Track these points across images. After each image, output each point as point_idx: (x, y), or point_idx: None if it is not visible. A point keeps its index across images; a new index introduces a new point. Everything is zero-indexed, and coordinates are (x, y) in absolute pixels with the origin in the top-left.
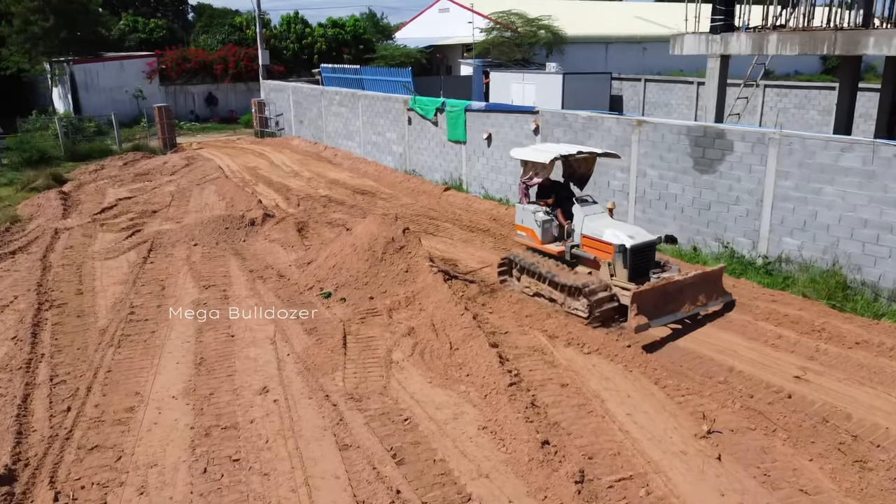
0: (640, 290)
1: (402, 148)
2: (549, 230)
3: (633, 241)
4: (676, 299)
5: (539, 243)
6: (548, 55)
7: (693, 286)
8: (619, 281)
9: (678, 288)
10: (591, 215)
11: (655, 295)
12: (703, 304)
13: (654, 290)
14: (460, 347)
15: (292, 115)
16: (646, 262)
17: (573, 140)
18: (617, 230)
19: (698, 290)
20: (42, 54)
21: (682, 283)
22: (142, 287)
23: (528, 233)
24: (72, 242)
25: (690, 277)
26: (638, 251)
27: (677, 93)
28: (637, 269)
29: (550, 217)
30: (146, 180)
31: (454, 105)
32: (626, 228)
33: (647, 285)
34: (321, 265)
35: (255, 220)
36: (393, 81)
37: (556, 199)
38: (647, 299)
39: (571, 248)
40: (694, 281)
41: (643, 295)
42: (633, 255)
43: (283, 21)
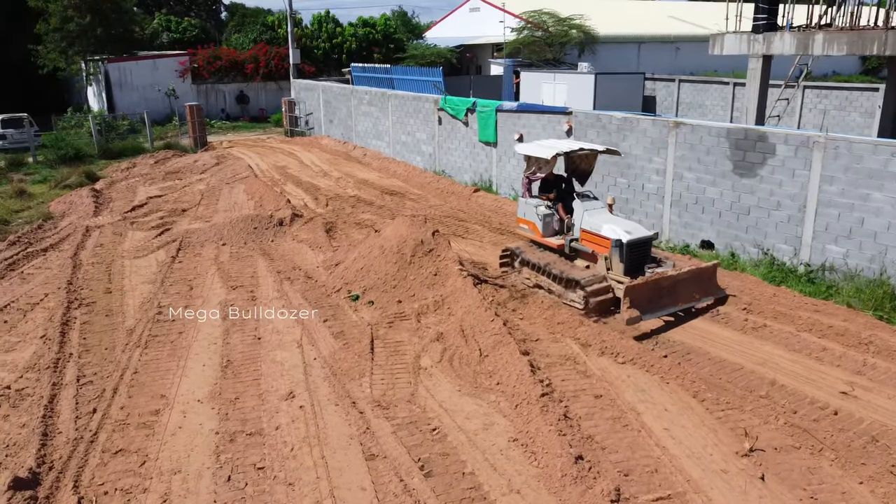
0: (632, 284)
1: (431, 148)
2: (550, 224)
3: (629, 236)
4: (670, 294)
5: (540, 236)
6: (579, 55)
7: (686, 281)
8: (615, 274)
9: (672, 283)
10: (591, 210)
11: (648, 289)
12: (697, 300)
13: (646, 285)
14: (490, 354)
15: (322, 114)
16: (642, 257)
17: (607, 141)
18: (615, 225)
19: (692, 286)
20: (77, 53)
21: (675, 279)
22: (170, 287)
23: (530, 226)
24: (102, 240)
25: (684, 273)
26: (634, 246)
27: (712, 94)
28: (633, 263)
29: (552, 211)
30: (176, 179)
31: (485, 105)
32: (623, 224)
33: (640, 279)
34: (349, 267)
35: (284, 220)
36: (423, 81)
37: (558, 194)
38: (639, 293)
39: (571, 241)
40: (687, 276)
41: (636, 289)
42: (630, 249)
43: (315, 20)
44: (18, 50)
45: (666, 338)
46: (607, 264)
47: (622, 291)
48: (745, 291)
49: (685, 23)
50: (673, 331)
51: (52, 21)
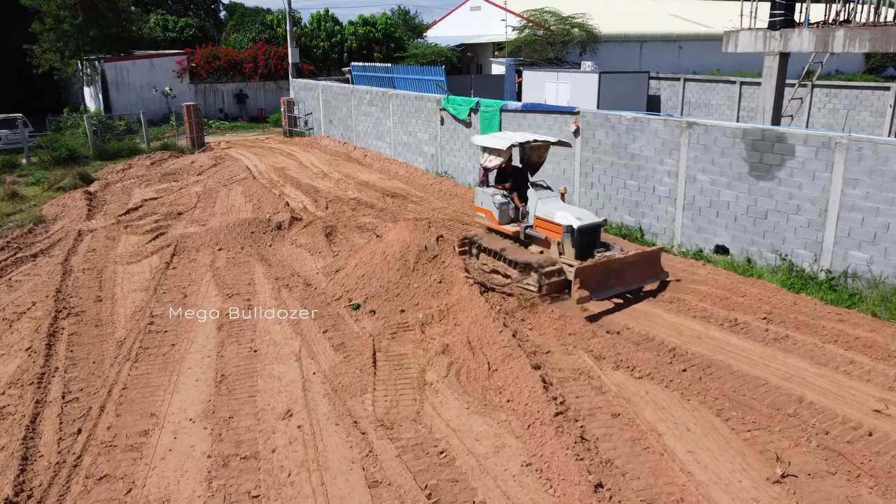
0: (583, 266)
1: (433, 149)
2: (506, 212)
3: (580, 222)
4: (618, 275)
5: (496, 224)
6: (581, 54)
7: (633, 264)
8: (566, 258)
9: (619, 265)
10: (545, 199)
11: (598, 271)
12: (643, 281)
13: (596, 266)
14: (499, 368)
15: (322, 114)
16: (592, 241)
17: (616, 142)
18: (566, 212)
19: (638, 268)
20: (73, 53)
21: (622, 261)
22: (163, 295)
23: (487, 214)
24: (94, 245)
25: (631, 256)
26: (584, 232)
27: (719, 93)
28: (583, 248)
29: (507, 200)
30: (173, 180)
31: (489, 105)
32: (575, 211)
33: (590, 262)
34: (350, 274)
35: (282, 224)
36: (425, 80)
37: (513, 184)
38: (589, 274)
39: (525, 228)
40: (634, 260)
41: (586, 270)
42: (580, 234)
43: (314, 19)
44: (15, 50)
45: (683, 350)
46: (559, 249)
47: (573, 273)
48: (763, 300)
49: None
50: (690, 342)
51: (47, 21)
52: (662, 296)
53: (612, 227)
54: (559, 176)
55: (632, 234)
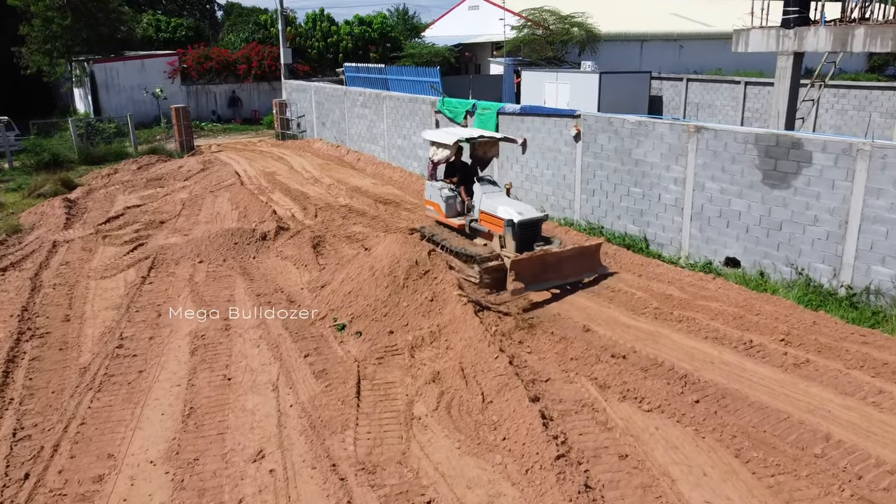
0: (518, 259)
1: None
2: (453, 205)
3: (521, 216)
4: (555, 269)
5: (444, 217)
6: (580, 53)
7: (571, 258)
8: (508, 251)
9: (556, 259)
10: (489, 193)
11: (533, 263)
12: (580, 275)
13: (531, 259)
14: (494, 400)
15: (314, 116)
16: (532, 235)
17: (620, 147)
18: (509, 207)
19: (576, 262)
20: (62, 54)
21: (560, 255)
22: (136, 314)
23: (435, 207)
24: (69, 257)
25: (568, 250)
26: (525, 226)
27: (723, 93)
28: (524, 241)
29: (454, 194)
30: (158, 186)
31: (486, 107)
32: (517, 206)
33: (525, 254)
34: (336, 290)
35: (268, 234)
36: (419, 81)
37: (461, 179)
38: (524, 267)
39: (471, 222)
40: (571, 254)
41: (521, 263)
42: (521, 228)
43: (309, 19)
44: (3, 51)
45: (695, 377)
46: (501, 242)
47: (509, 265)
48: (779, 318)
49: (689, 20)
50: (703, 368)
51: (35, 22)
52: (671, 313)
53: (616, 237)
54: (559, 182)
55: (636, 245)
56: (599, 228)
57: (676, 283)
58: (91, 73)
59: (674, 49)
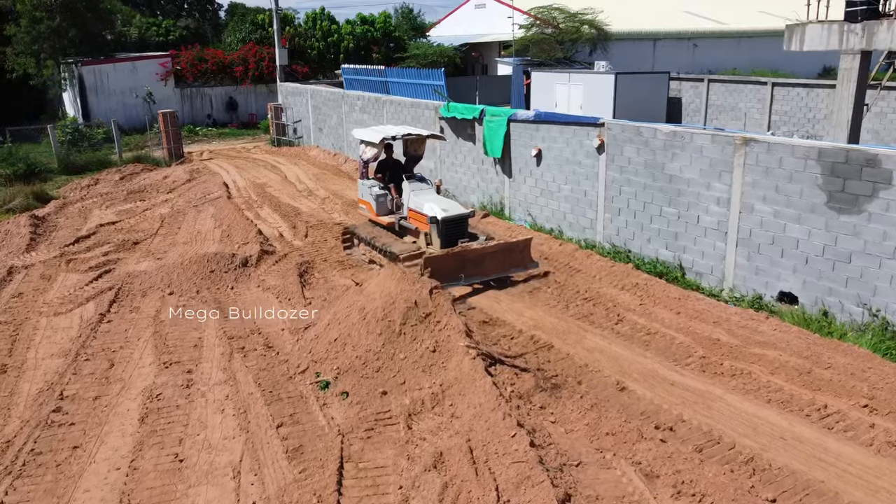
0: (431, 255)
1: (431, 163)
2: (384, 203)
3: (445, 213)
4: (476, 264)
5: (375, 215)
6: (590, 52)
7: (494, 255)
8: (434, 248)
9: (478, 255)
10: (418, 191)
11: (448, 260)
12: (506, 271)
13: (446, 256)
14: (512, 499)
15: (311, 121)
16: (458, 232)
17: (651, 161)
18: (434, 204)
19: (500, 258)
20: (49, 56)
21: (481, 251)
22: (84, 363)
23: (367, 206)
24: (24, 287)
25: (490, 246)
26: (450, 223)
27: (747, 95)
28: (449, 238)
29: (385, 192)
30: (139, 199)
31: (495, 114)
32: (442, 203)
33: (440, 251)
34: (320, 336)
35: (249, 260)
36: (422, 85)
37: (391, 176)
38: (438, 263)
39: (400, 219)
40: (494, 250)
41: (435, 259)
42: (445, 225)
43: (308, 18)
44: None
45: (764, 460)
46: (427, 239)
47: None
48: (856, 373)
49: (703, 18)
50: (772, 447)
51: (21, 23)
52: (720, 364)
53: (645, 263)
54: (579, 199)
55: (669, 273)
56: (626, 252)
57: (723, 324)
58: (79, 76)
59: (687, 48)
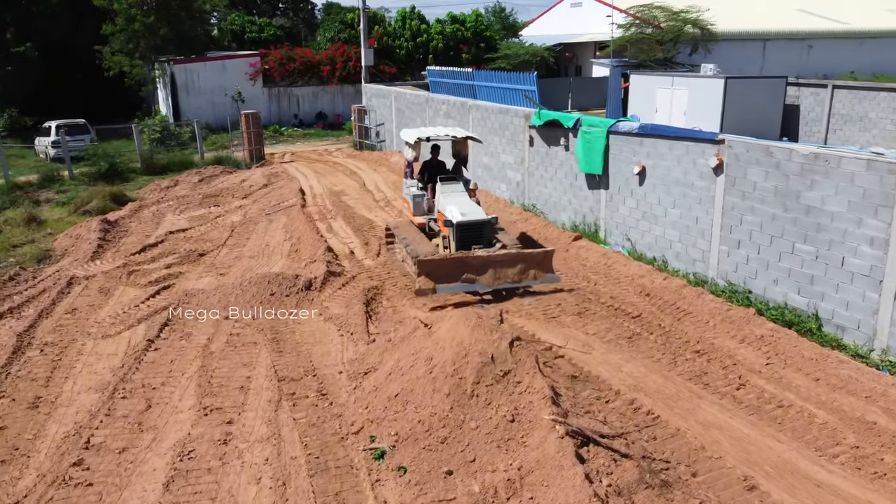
0: (426, 258)
1: (519, 175)
2: (420, 204)
3: (462, 217)
4: (480, 271)
5: (412, 215)
6: (692, 53)
7: (500, 263)
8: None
9: (482, 263)
10: (448, 193)
11: (445, 264)
12: (517, 281)
13: (444, 261)
14: None
15: (394, 125)
16: (474, 238)
17: (783, 187)
18: (455, 207)
19: (510, 268)
20: (143, 54)
21: (486, 259)
22: (120, 402)
23: (407, 205)
24: (80, 301)
25: (498, 255)
26: (465, 227)
27: (879, 104)
28: (465, 242)
29: (422, 192)
30: (213, 204)
31: (593, 125)
32: (464, 207)
33: (437, 255)
34: (380, 387)
35: (312, 283)
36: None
37: (430, 177)
38: (433, 267)
39: (430, 221)
40: (501, 259)
41: (429, 263)
42: (460, 230)
43: (398, 17)
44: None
45: None
46: (445, 242)
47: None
48: None
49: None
50: None
51: (117, 20)
52: (881, 460)
53: (770, 308)
54: (689, 226)
55: (802, 323)
56: (745, 293)
57: (878, 399)
58: (171, 75)
59: (801, 49)
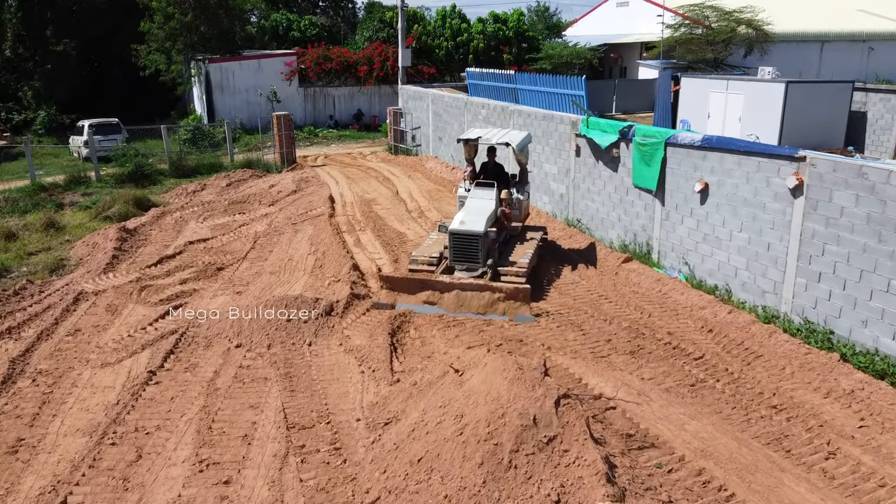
0: (387, 274)
1: (563, 187)
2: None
3: (458, 226)
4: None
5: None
6: (745, 55)
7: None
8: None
9: (444, 286)
10: (475, 197)
11: (408, 283)
12: (482, 313)
13: (404, 279)
14: None
15: (430, 129)
16: (468, 249)
17: (877, 215)
18: (463, 213)
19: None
20: (180, 52)
21: (447, 284)
22: (107, 450)
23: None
24: (85, 321)
25: (464, 283)
26: (457, 236)
27: None
28: (457, 254)
29: (466, 194)
30: (239, 212)
31: (648, 135)
32: (472, 215)
33: (399, 273)
34: (401, 446)
35: (335, 307)
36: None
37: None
38: (395, 283)
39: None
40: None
41: (391, 278)
42: (452, 238)
43: (438, 15)
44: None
45: None
46: (445, 251)
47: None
48: None
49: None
50: None
51: (155, 19)
52: None
53: (857, 354)
54: (758, 253)
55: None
56: (826, 333)
57: None
58: (206, 73)
59: (861, 51)
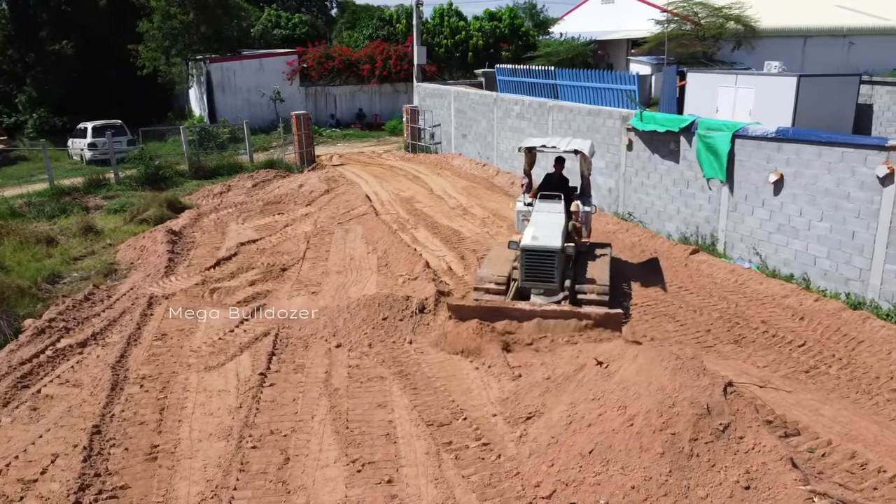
0: (455, 303)
1: (612, 182)
2: (521, 221)
3: (532, 241)
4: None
5: (515, 231)
6: (733, 49)
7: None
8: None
9: (523, 315)
10: (542, 211)
11: (480, 311)
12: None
13: (477, 308)
14: None
15: (453, 126)
16: (543, 267)
17: None
18: (533, 228)
19: (561, 328)
20: (179, 52)
21: (528, 313)
22: (251, 453)
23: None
24: (167, 325)
25: (545, 309)
26: (530, 253)
27: None
28: (530, 272)
29: (526, 209)
30: (277, 212)
31: (713, 127)
32: (543, 230)
33: (467, 300)
34: (561, 440)
35: (426, 306)
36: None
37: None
38: (463, 312)
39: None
40: (550, 314)
41: (460, 308)
42: (525, 255)
43: (436, 14)
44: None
45: None
46: (514, 272)
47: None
48: None
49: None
50: None
51: (154, 19)
52: None
53: None
54: (840, 241)
55: None
56: None
57: None
58: (207, 73)
59: (842, 46)
